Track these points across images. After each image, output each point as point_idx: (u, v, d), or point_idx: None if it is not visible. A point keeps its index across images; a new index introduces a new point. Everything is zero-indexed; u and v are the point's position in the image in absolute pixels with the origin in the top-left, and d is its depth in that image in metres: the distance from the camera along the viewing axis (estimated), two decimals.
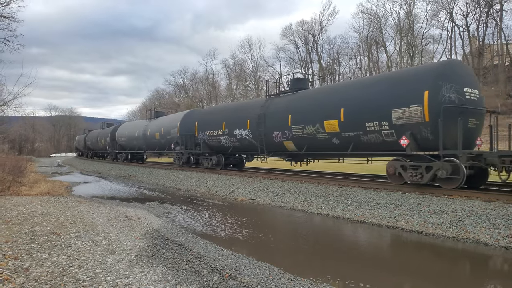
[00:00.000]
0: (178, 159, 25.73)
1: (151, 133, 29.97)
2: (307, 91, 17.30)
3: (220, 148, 21.62)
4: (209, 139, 22.03)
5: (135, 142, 33.56)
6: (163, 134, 27.82)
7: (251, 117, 18.47)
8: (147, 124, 31.54)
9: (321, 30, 57.34)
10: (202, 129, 22.48)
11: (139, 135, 32.36)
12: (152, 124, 30.58)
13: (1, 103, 18.22)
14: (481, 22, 42.78)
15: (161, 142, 28.22)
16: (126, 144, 36.01)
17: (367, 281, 5.89)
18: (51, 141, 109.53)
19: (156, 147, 29.82)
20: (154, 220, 10.61)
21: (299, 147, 16.17)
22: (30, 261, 5.92)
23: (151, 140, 30.10)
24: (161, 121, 29.72)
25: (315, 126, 14.87)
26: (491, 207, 9.28)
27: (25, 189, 16.60)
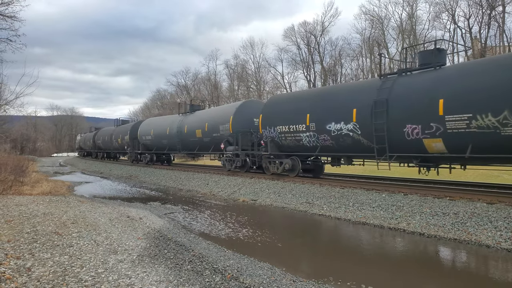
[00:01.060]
0: (230, 162, 21.16)
1: (190, 130, 24.79)
2: (471, 63, 13.27)
3: (298, 148, 16.44)
4: (281, 137, 16.86)
5: (165, 141, 28.16)
6: (207, 132, 22.87)
7: (359, 105, 13.52)
8: (182, 120, 26.32)
9: (323, 31, 57.27)
10: (270, 123, 17.37)
11: (171, 133, 26.93)
12: (190, 120, 25.42)
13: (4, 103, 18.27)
14: (484, 24, 42.74)
15: (204, 140, 23.34)
16: (152, 144, 30.47)
17: (369, 283, 5.89)
18: (53, 141, 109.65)
19: (196, 147, 24.73)
20: (156, 220, 10.61)
21: (453, 148, 11.11)
22: (32, 260, 5.93)
23: (189, 139, 25.05)
24: (204, 115, 24.72)
25: (501, 115, 9.79)
26: (493, 209, 9.26)
27: (27, 189, 16.63)
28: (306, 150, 16.19)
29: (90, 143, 51.12)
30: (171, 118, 30.14)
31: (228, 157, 21.44)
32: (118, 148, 38.94)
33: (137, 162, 33.94)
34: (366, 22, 53.15)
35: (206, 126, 23.01)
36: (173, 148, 27.62)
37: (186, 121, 25.89)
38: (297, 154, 16.89)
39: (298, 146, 16.35)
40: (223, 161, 22.08)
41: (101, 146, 45.31)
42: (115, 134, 38.99)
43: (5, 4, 17.55)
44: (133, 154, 34.17)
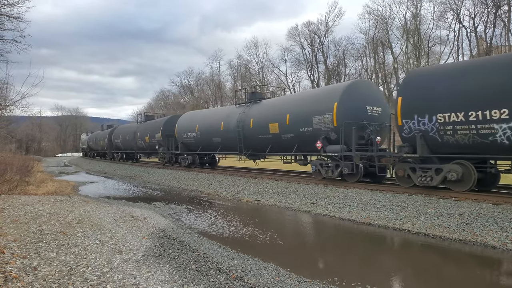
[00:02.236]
0: (329, 168, 15.52)
1: (259, 124, 18.97)
2: None
3: (478, 147, 10.60)
4: (445, 130, 11.04)
5: (217, 139, 22.59)
6: (289, 125, 17.04)
7: None
8: (244, 112, 20.28)
9: (327, 31, 57.25)
10: (422, 110, 11.48)
11: (228, 129, 21.33)
12: (257, 111, 19.64)
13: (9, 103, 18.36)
14: (489, 23, 42.54)
15: (283, 138, 17.44)
16: (196, 143, 24.91)
17: (373, 283, 5.88)
18: (57, 141, 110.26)
19: (267, 146, 18.78)
20: (160, 220, 10.64)
21: None
22: (38, 260, 5.96)
23: (256, 136, 19.21)
24: (281, 103, 18.66)
25: None
26: (499, 210, 9.21)
27: (32, 189, 16.73)
28: (496, 150, 10.26)
29: (103, 143, 45.42)
30: (225, 110, 24.34)
31: (324, 160, 15.94)
32: (144, 148, 33.27)
33: (171, 164, 28.32)
34: (370, 21, 53.08)
35: (288, 118, 16.92)
36: (230, 147, 21.67)
37: (250, 112, 19.81)
38: (471, 156, 10.97)
39: (479, 144, 10.44)
40: (315, 165, 15.96)
41: (119, 145, 39.59)
42: (140, 131, 33.49)
43: (10, 5, 17.66)
44: (167, 155, 28.44)
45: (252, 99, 21.12)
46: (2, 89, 18.56)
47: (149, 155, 35.72)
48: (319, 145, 15.29)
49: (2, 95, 18.61)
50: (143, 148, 33.83)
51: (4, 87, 18.25)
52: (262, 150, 19.57)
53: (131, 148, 36.62)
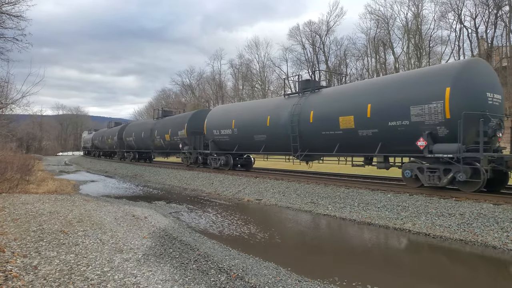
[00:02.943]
0: None
1: (322, 117, 15.50)
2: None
3: None
4: None
5: (260, 137, 18.95)
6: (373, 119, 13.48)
7: None
8: (299, 103, 16.86)
9: (328, 31, 57.23)
10: None
11: (277, 124, 17.85)
12: (318, 101, 16.21)
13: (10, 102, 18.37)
14: (490, 24, 42.49)
15: (361, 135, 13.84)
16: (232, 141, 21.35)
17: (374, 283, 5.87)
18: (58, 140, 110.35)
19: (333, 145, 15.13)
20: (161, 220, 10.64)
21: None
22: (38, 259, 5.97)
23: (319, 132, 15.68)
24: (359, 89, 14.98)
25: None
26: (500, 210, 9.20)
27: (33, 187, 16.73)
28: None
29: (112, 141, 41.92)
30: (271, 102, 20.63)
31: (424, 163, 12.36)
32: (163, 147, 29.94)
33: (197, 166, 25.23)
34: (372, 21, 53.05)
35: (369, 109, 13.31)
36: (278, 147, 18.26)
37: (308, 104, 16.33)
38: None
39: None
40: (410, 170, 12.54)
41: (132, 144, 36.24)
42: (159, 128, 30.23)
43: (11, 4, 17.66)
44: (193, 155, 25.37)
45: (306, 88, 17.65)
46: (3, 87, 18.60)
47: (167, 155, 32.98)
48: (422, 144, 11.86)
49: (3, 94, 18.65)
50: (161, 147, 30.41)
51: (5, 86, 18.29)
52: (325, 150, 15.94)
53: (147, 147, 33.06)
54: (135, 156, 36.78)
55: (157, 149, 31.90)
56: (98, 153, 52.40)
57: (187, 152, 25.98)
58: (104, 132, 47.92)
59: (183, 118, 27.38)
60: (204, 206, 14.09)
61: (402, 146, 12.76)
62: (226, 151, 22.10)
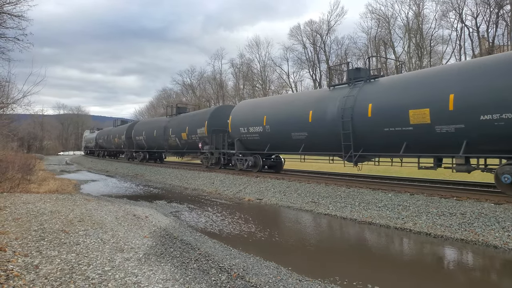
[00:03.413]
0: None
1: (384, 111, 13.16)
2: None
3: None
4: None
5: (300, 135, 16.58)
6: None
7: None
8: (351, 94, 14.42)
9: (329, 30, 57.17)
10: None
11: (322, 119, 15.44)
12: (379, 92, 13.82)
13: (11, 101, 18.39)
14: (491, 23, 42.43)
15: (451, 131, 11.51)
16: (263, 140, 18.89)
17: (375, 282, 5.87)
18: (59, 139, 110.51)
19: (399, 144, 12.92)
20: (161, 219, 10.65)
21: None
22: (39, 258, 5.97)
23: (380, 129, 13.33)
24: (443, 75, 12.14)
25: None
26: (501, 210, 9.19)
27: (34, 187, 16.75)
28: None
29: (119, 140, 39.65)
30: (313, 94, 18.11)
31: None
32: (179, 146, 27.71)
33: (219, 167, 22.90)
34: (373, 21, 53.00)
35: (452, 100, 11.13)
36: (323, 146, 15.83)
37: (364, 95, 13.91)
38: None
39: None
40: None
41: (142, 144, 33.76)
42: (174, 126, 28.09)
43: (12, 4, 17.69)
44: (215, 156, 23.07)
45: (358, 78, 15.20)
46: (4, 87, 18.61)
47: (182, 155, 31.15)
48: None
49: (4, 93, 18.66)
50: (176, 147, 28.20)
51: (6, 85, 18.30)
52: (386, 150, 13.64)
53: (160, 146, 30.66)
54: (145, 156, 34.10)
55: (171, 149, 29.51)
56: (103, 153, 49.64)
57: (207, 152, 23.70)
58: (109, 131, 45.52)
59: (203, 114, 24.77)
60: (204, 205, 14.09)
61: (497, 145, 10.63)
62: (254, 150, 19.90)
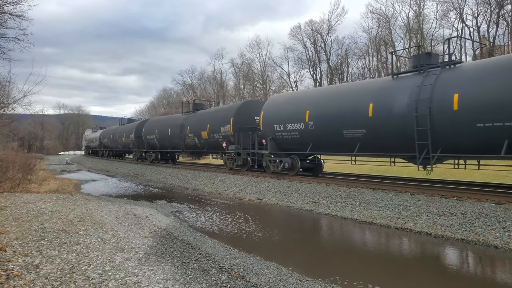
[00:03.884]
0: None
1: None
2: None
3: None
4: None
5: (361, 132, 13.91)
6: None
7: None
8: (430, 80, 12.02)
9: (330, 30, 57.09)
10: None
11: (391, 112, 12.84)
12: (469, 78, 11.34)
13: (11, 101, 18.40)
14: (492, 23, 42.38)
15: None
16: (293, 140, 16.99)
17: (376, 282, 5.86)
18: (60, 139, 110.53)
19: None
20: (162, 219, 10.64)
21: None
22: (40, 258, 5.97)
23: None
24: None
25: None
26: (502, 210, 9.18)
27: (35, 187, 16.75)
28: None
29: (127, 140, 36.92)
30: (372, 85, 14.82)
31: None
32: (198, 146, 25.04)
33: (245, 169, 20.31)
34: (373, 21, 52.91)
35: None
36: (386, 144, 13.40)
37: (444, 84, 11.64)
38: None
39: None
40: None
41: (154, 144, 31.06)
42: (192, 124, 25.37)
43: (13, 4, 17.70)
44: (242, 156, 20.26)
45: (432, 64, 12.76)
46: (4, 87, 18.63)
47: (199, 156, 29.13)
48: None
49: (4, 93, 18.68)
50: (195, 147, 25.45)
51: (6, 85, 18.32)
52: (478, 150, 11.06)
53: (175, 146, 27.96)
54: (157, 156, 31.22)
55: (189, 149, 26.75)
56: (108, 153, 46.44)
57: (233, 153, 20.96)
58: (115, 130, 42.39)
59: (228, 111, 22.18)
60: (205, 205, 14.09)
61: None
62: (292, 151, 17.36)
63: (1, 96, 18.94)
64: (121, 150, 42.14)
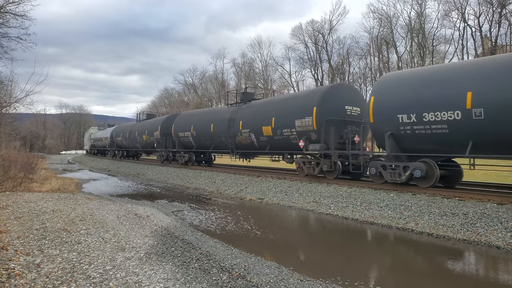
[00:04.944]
0: None
1: None
2: None
3: None
4: None
5: None
6: None
7: None
8: None
9: (331, 29, 57.10)
10: None
11: None
12: None
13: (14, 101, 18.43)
14: (494, 23, 42.28)
15: None
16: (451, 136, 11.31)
17: (377, 282, 5.85)
18: (61, 139, 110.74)
19: None
20: (163, 218, 10.65)
21: None
22: (41, 257, 5.98)
23: None
24: None
25: None
26: (504, 210, 9.16)
27: (36, 186, 16.79)
28: None
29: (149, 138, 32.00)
30: (478, 66, 10.98)
31: None
32: (254, 145, 19.59)
33: (333, 175, 15.57)
34: (375, 20, 52.91)
35: None
36: None
37: None
38: None
39: None
40: None
41: (189, 143, 26.01)
42: (245, 119, 20.04)
43: (15, 3, 17.75)
44: (334, 159, 15.23)
45: None
46: (7, 86, 18.67)
47: (252, 156, 21.91)
48: None
49: (7, 93, 18.72)
50: (250, 146, 20.00)
51: (9, 85, 18.36)
52: None
53: (220, 145, 22.74)
54: (191, 158, 26.32)
55: (241, 148, 21.10)
56: (122, 153, 41.26)
57: (317, 153, 16.07)
58: (132, 127, 37.22)
59: (307, 98, 16.85)
60: (206, 205, 14.08)
61: None
62: (426, 152, 12.06)
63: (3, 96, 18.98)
64: (140, 150, 36.99)
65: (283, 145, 17.94)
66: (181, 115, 29.46)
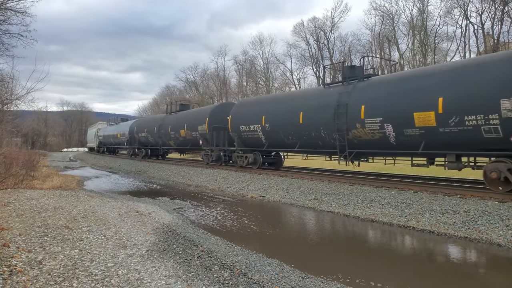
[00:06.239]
0: None
1: None
2: None
3: None
4: None
5: None
6: None
7: None
8: None
9: (333, 27, 56.92)
10: None
11: None
12: None
13: (15, 98, 18.46)
14: (496, 20, 42.10)
15: None
16: None
17: (378, 280, 5.85)
18: (63, 136, 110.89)
19: None
20: (164, 216, 10.66)
21: None
22: (43, 254, 6.00)
23: None
24: None
25: None
26: (505, 208, 9.14)
27: (38, 183, 16.81)
28: None
29: (190, 134, 25.77)
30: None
31: None
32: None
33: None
34: (376, 18, 52.69)
35: None
36: None
37: None
38: None
39: None
40: None
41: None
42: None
43: (16, 0, 17.73)
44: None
45: None
46: (8, 83, 18.69)
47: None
48: None
49: (8, 90, 18.74)
50: (375, 145, 13.75)
51: (10, 82, 18.38)
52: None
53: (314, 143, 16.23)
54: (257, 159, 20.23)
55: (360, 147, 14.48)
56: (146, 152, 34.91)
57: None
58: (163, 120, 30.74)
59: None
60: (207, 202, 14.10)
61: None
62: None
63: (4, 93, 19.02)
64: (174, 148, 30.72)
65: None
66: (241, 103, 24.36)
